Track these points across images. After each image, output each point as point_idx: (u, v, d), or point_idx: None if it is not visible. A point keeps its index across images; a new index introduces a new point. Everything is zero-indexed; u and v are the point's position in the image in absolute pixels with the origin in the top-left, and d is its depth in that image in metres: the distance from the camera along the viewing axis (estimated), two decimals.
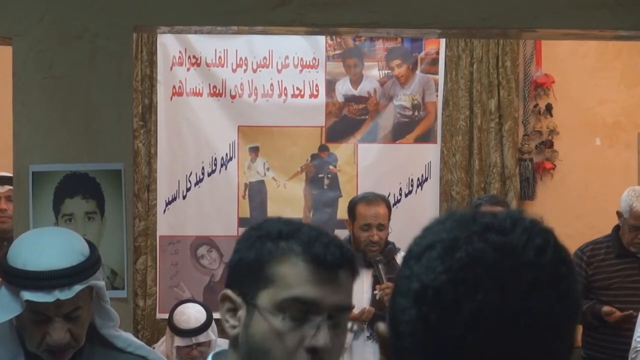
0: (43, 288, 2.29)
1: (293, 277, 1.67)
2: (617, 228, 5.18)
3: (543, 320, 0.97)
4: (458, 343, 0.96)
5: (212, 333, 4.60)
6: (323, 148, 6.40)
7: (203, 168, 6.31)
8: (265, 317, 1.67)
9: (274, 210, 6.34)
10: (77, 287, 2.31)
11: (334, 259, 1.68)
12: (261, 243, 1.71)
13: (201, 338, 4.54)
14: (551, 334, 0.98)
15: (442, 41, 6.35)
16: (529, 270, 0.97)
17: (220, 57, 6.31)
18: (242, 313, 1.72)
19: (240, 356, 1.73)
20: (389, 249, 5.02)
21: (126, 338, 2.55)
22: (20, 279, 2.31)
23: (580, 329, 5.25)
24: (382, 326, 1.13)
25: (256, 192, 6.37)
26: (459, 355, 0.97)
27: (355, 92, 6.41)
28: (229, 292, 1.74)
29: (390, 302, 1.09)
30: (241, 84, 6.32)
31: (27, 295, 2.28)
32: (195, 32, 4.54)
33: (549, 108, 6.53)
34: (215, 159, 6.31)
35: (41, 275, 2.29)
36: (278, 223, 1.75)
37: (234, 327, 1.73)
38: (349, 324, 1.74)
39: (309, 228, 1.74)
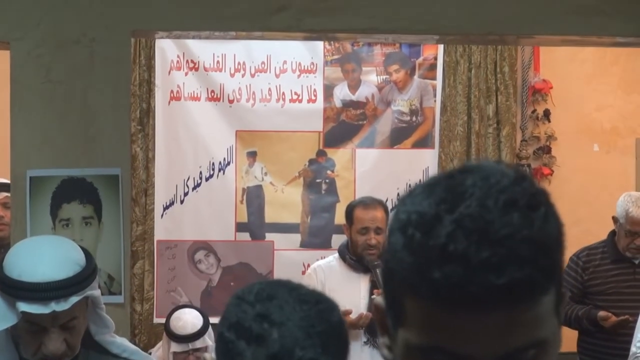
0: (39, 299, 2.26)
1: None
2: (612, 233, 5.17)
3: (521, 233, 0.99)
4: (441, 252, 0.98)
5: (208, 339, 4.59)
6: (321, 153, 6.40)
7: (201, 173, 6.31)
8: None
9: (271, 215, 6.34)
10: (74, 299, 2.29)
11: None
12: None
13: (198, 344, 4.54)
14: (532, 247, 0.99)
15: (440, 46, 6.35)
16: (506, 193, 1.01)
17: (218, 62, 6.31)
18: None
19: None
20: None
21: (121, 343, 2.55)
22: (16, 290, 2.27)
23: (576, 334, 5.25)
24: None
25: (254, 197, 6.37)
26: (442, 265, 0.98)
27: (353, 97, 6.41)
28: None
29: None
30: (239, 89, 6.32)
31: (23, 307, 2.26)
32: (194, 37, 4.54)
33: (546, 114, 6.53)
34: (213, 163, 6.31)
35: (37, 287, 2.26)
36: None
37: None
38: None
39: None
